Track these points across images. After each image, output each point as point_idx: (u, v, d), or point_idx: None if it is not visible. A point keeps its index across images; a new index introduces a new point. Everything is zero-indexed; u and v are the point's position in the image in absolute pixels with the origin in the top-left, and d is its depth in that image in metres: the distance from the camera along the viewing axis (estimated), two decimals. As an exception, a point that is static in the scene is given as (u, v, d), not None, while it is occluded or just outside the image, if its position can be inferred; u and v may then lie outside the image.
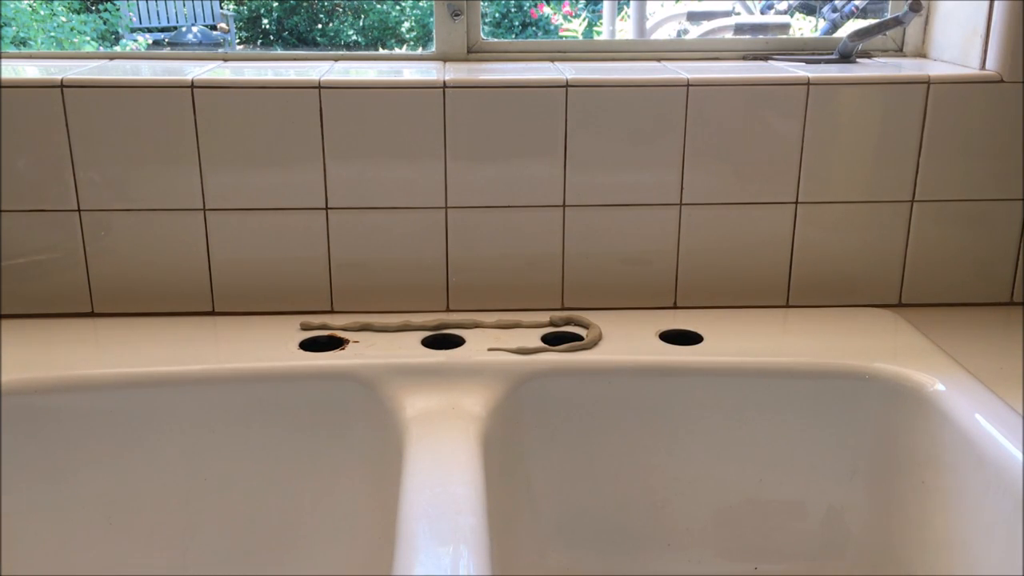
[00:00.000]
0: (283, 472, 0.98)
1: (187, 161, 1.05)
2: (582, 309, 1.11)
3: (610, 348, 1.00)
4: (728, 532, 1.01)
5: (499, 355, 0.98)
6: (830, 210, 1.10)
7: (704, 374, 0.98)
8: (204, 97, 1.03)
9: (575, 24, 3.92)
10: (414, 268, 1.10)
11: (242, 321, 1.08)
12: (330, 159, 1.05)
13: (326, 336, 1.03)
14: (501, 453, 0.91)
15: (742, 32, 2.94)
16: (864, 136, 1.08)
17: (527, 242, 1.10)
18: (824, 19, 1.45)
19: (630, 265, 1.11)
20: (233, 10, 4.53)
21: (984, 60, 1.09)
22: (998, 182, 1.10)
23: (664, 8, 3.48)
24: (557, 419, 0.98)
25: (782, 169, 1.09)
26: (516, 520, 0.97)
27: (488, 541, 0.70)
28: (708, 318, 1.09)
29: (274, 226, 1.08)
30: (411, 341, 1.02)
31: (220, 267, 1.09)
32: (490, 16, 4.04)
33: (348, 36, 4.30)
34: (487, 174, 1.07)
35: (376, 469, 0.95)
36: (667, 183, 1.08)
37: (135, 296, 1.09)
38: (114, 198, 1.06)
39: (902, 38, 1.24)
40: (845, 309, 1.12)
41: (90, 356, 1.00)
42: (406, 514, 0.73)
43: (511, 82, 1.05)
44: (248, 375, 0.96)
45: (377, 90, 1.04)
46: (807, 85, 1.06)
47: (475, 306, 1.11)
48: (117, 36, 4.05)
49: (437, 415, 0.90)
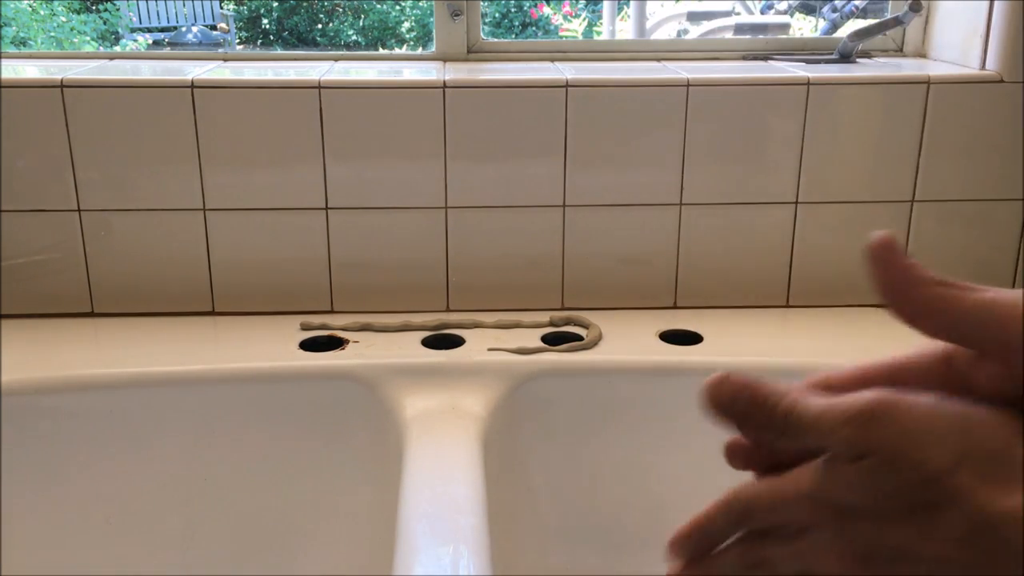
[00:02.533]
0: (283, 472, 0.98)
1: (187, 161, 1.05)
2: (582, 309, 1.11)
3: (610, 348, 1.00)
4: (728, 532, 1.01)
5: (499, 355, 0.98)
6: (830, 210, 1.10)
7: (704, 374, 0.97)
8: (204, 97, 1.03)
9: (575, 24, 3.92)
10: (414, 268, 1.10)
11: (242, 321, 1.08)
12: (330, 159, 1.05)
13: (326, 336, 1.03)
14: (501, 453, 0.91)
15: (742, 32, 2.94)
16: (864, 136, 1.08)
17: (527, 242, 1.10)
18: (824, 19, 1.45)
19: (630, 265, 1.11)
20: (233, 10, 4.53)
21: (984, 60, 1.09)
22: (998, 182, 1.10)
23: (664, 8, 3.48)
24: (557, 419, 0.98)
25: (782, 169, 1.09)
26: (516, 520, 0.97)
27: (488, 541, 0.70)
28: (708, 318, 1.09)
29: (274, 226, 1.08)
30: (411, 341, 1.02)
31: (220, 267, 1.09)
32: (490, 16, 4.04)
33: (348, 36, 4.30)
34: (487, 174, 1.07)
35: (376, 469, 0.95)
36: (667, 183, 1.08)
37: (135, 296, 1.09)
38: (114, 198, 1.06)
39: (902, 38, 1.24)
40: (845, 309, 1.12)
41: (90, 356, 1.00)
42: (406, 514, 0.73)
43: (511, 82, 1.05)
44: (248, 375, 0.96)
45: (377, 90, 1.04)
46: (807, 85, 1.06)
47: (475, 306, 1.11)
48: (117, 36, 4.05)
49: (437, 415, 0.90)
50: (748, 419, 0.34)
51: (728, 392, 0.35)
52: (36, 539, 0.96)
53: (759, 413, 0.34)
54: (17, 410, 0.93)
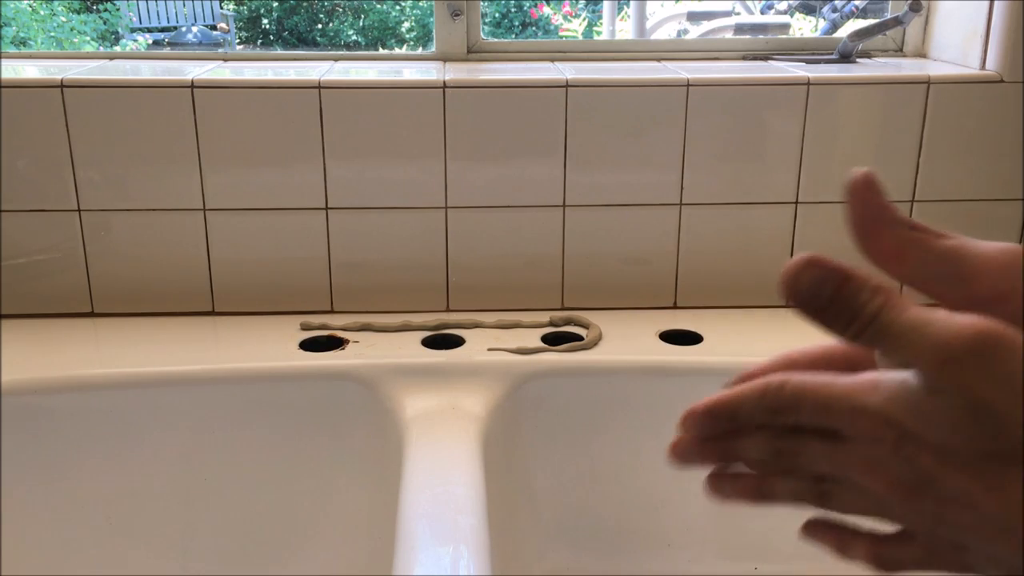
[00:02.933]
0: (283, 472, 0.98)
1: (187, 161, 1.05)
2: (582, 309, 1.11)
3: (610, 348, 1.00)
4: (728, 532, 1.01)
5: (499, 355, 0.98)
6: (830, 210, 1.10)
7: (704, 374, 0.98)
8: (204, 97, 1.03)
9: (575, 24, 3.92)
10: (414, 268, 1.10)
11: (242, 321, 1.08)
12: (330, 159, 1.05)
13: (326, 336, 1.03)
14: (501, 453, 0.91)
15: (742, 32, 2.94)
16: (864, 136, 1.08)
17: (527, 242, 1.10)
18: (824, 19, 1.45)
19: (630, 265, 1.11)
20: (233, 10, 4.53)
21: (984, 60, 1.09)
22: (998, 182, 1.10)
23: (664, 8, 3.48)
24: (557, 419, 0.98)
25: (782, 169, 1.09)
26: (516, 520, 0.97)
27: (488, 541, 0.70)
28: (708, 318, 1.09)
29: (274, 226, 1.08)
30: (411, 341, 1.02)
31: (220, 267, 1.09)
32: (490, 16, 4.04)
33: (348, 36, 4.30)
34: (487, 174, 1.07)
35: (376, 469, 0.95)
36: (667, 183, 1.08)
37: (135, 296, 1.09)
38: (114, 198, 1.06)
39: (902, 38, 1.24)
40: (845, 309, 1.12)
41: (90, 356, 1.00)
42: (406, 514, 0.73)
43: (511, 82, 1.05)
44: (248, 375, 0.96)
45: (377, 90, 1.04)
46: (807, 85, 1.06)
47: (475, 306, 1.11)
48: (117, 36, 4.05)
49: (437, 415, 0.90)
50: (828, 314, 0.30)
51: (811, 279, 0.31)
52: (36, 539, 0.96)
53: (843, 310, 0.30)
54: (17, 410, 0.93)
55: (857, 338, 0.30)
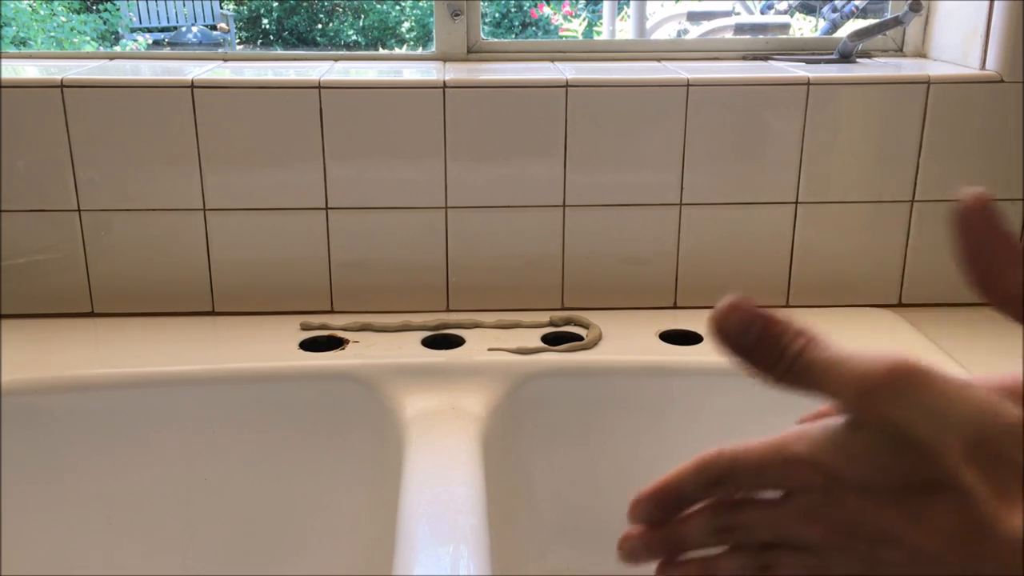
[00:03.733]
0: (283, 472, 0.98)
1: (187, 161, 1.05)
2: (582, 309, 1.11)
3: (610, 348, 1.00)
4: (728, 532, 1.01)
5: (499, 355, 0.98)
6: (830, 210, 1.10)
7: (704, 374, 0.98)
8: (204, 97, 1.03)
9: (575, 24, 3.92)
10: (414, 268, 1.10)
11: (242, 321, 1.08)
12: (330, 159, 1.05)
13: (326, 336, 1.03)
14: (501, 453, 0.91)
15: (742, 32, 2.94)
16: (864, 136, 1.08)
17: (527, 242, 1.10)
18: (824, 19, 1.45)
19: (630, 265, 1.11)
20: (233, 10, 4.53)
21: (984, 60, 1.09)
22: (998, 182, 1.10)
23: (664, 8, 3.48)
24: (557, 419, 0.98)
25: (782, 169, 1.09)
26: (516, 520, 0.97)
27: (488, 541, 0.70)
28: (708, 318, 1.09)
29: (274, 226, 1.08)
30: (411, 341, 1.02)
31: (220, 267, 1.09)
32: (490, 16, 4.04)
33: (348, 36, 4.30)
34: (487, 174, 1.07)
35: (376, 469, 0.95)
36: (667, 183, 1.08)
37: (135, 296, 1.09)
38: (114, 198, 1.06)
39: (902, 38, 1.24)
40: (845, 309, 1.12)
41: (90, 356, 1.00)
42: (406, 514, 0.73)
43: (511, 82, 1.05)
44: (248, 375, 0.96)
45: (377, 90, 1.04)
46: (807, 85, 1.06)
47: (475, 306, 1.11)
48: (117, 36, 4.05)
49: (437, 415, 0.90)
50: (754, 354, 0.32)
51: (738, 321, 0.32)
52: (36, 539, 0.96)
53: (768, 350, 0.31)
54: (17, 410, 0.93)
55: (783, 378, 0.31)
